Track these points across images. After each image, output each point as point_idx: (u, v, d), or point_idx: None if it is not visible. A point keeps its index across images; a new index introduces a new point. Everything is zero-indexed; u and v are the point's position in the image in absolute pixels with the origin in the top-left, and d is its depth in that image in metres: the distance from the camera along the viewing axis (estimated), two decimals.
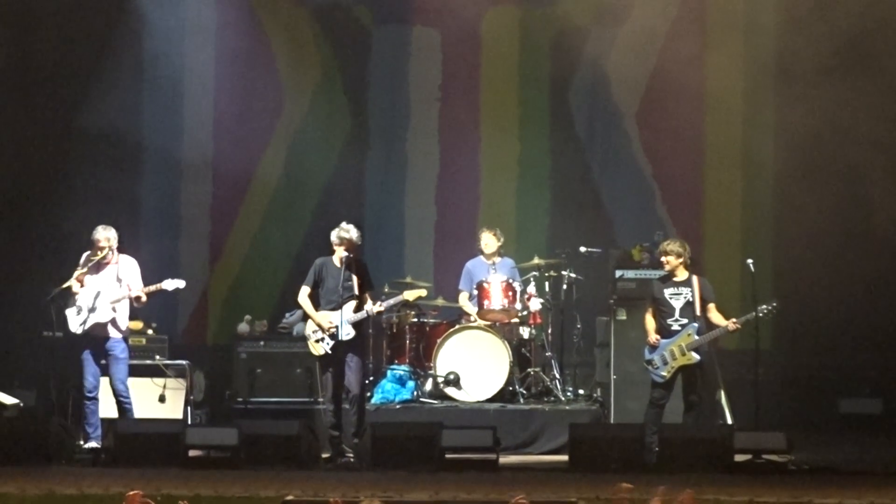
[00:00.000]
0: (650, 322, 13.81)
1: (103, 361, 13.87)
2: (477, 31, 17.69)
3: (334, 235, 13.96)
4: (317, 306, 14.00)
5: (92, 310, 13.74)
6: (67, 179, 17.28)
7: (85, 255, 13.91)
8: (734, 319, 13.63)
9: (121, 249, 13.96)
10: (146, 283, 13.95)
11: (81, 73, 17.36)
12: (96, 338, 13.79)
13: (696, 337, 13.59)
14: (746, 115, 17.44)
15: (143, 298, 13.84)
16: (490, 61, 17.78)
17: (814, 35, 16.25)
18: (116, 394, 13.82)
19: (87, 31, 17.33)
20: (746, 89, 17.33)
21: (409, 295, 14.38)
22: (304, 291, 14.05)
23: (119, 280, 13.82)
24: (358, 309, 13.94)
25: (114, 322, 13.80)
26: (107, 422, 13.83)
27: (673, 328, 13.67)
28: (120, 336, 13.83)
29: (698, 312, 13.65)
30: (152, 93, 17.59)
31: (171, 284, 13.89)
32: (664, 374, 13.64)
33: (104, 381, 13.94)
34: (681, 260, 13.79)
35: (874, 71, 16.45)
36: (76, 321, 13.76)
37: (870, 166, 16.65)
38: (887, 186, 16.67)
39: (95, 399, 13.80)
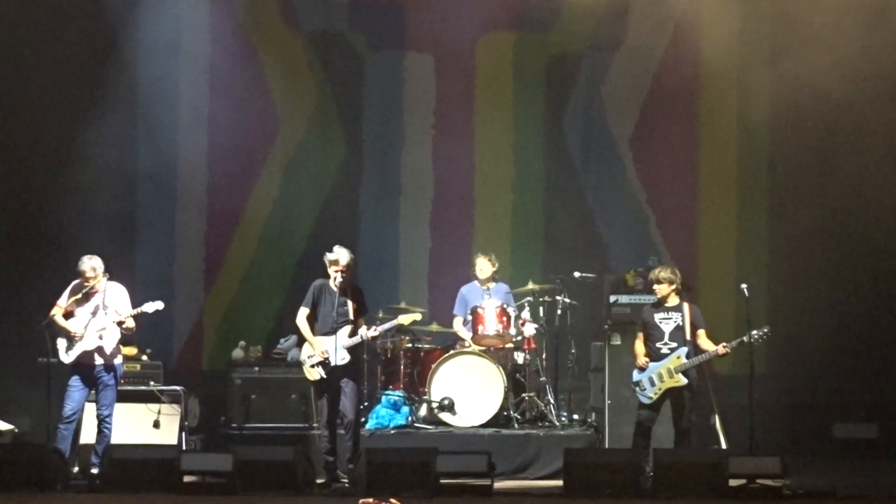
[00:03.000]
0: (640, 346, 13.92)
1: (92, 390, 13.91)
2: (471, 57, 17.71)
3: (325, 259, 13.97)
4: (313, 329, 13.99)
5: (79, 339, 13.74)
6: (62, 206, 17.24)
7: (72, 284, 13.92)
8: (724, 343, 13.67)
9: (110, 276, 13.96)
10: None
11: (76, 101, 17.34)
12: (85, 366, 13.80)
13: (685, 360, 13.65)
14: (741, 140, 17.47)
15: (130, 324, 13.84)
16: (484, 87, 17.78)
17: (809, 64, 16.31)
18: (99, 418, 13.85)
19: (81, 59, 17.33)
20: (741, 115, 17.34)
21: (404, 319, 14.39)
22: (303, 313, 14.00)
23: (105, 307, 13.82)
24: (353, 334, 13.93)
25: (100, 350, 13.80)
26: (88, 447, 13.94)
27: (662, 351, 13.75)
28: (106, 363, 13.82)
29: (688, 337, 13.72)
30: (147, 120, 17.55)
31: (150, 307, 13.88)
32: (651, 395, 13.71)
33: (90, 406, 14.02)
34: (672, 287, 13.87)
35: (875, 96, 16.47)
36: (64, 351, 13.78)
37: (864, 191, 16.67)
38: (881, 211, 16.69)
39: (70, 424, 13.77)
